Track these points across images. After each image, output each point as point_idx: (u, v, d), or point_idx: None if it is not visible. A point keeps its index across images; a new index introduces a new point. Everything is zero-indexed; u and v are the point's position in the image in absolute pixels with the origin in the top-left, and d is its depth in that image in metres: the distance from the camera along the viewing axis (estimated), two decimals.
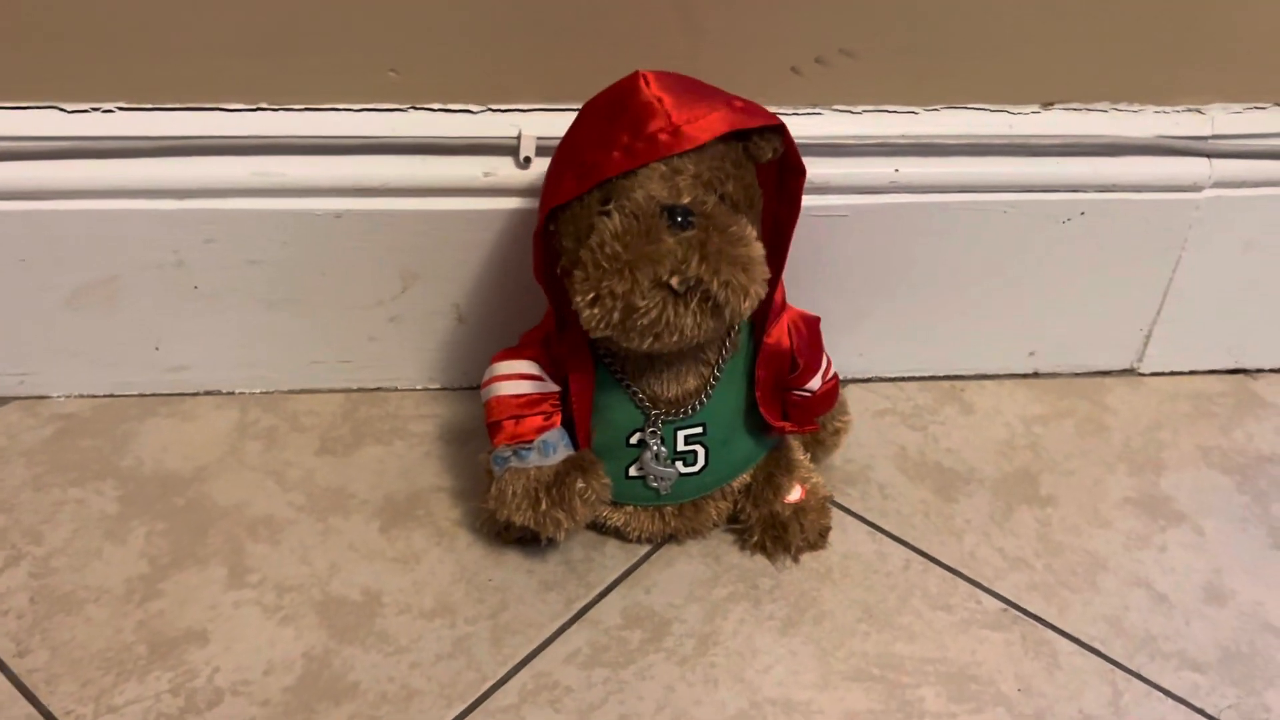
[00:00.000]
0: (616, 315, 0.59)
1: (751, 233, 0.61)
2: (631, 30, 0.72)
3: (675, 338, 0.60)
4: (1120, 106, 0.79)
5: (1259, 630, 0.70)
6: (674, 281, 0.58)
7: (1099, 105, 0.79)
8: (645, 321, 0.59)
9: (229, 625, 0.67)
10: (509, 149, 0.75)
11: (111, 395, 0.82)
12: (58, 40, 0.70)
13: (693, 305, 0.59)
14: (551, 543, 0.71)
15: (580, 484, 0.65)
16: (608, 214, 0.60)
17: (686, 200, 0.60)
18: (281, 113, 0.73)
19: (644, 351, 0.62)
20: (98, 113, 0.72)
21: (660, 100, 0.60)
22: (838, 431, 0.77)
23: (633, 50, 0.72)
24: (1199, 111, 0.80)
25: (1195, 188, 0.81)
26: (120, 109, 0.72)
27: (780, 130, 0.64)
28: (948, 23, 0.74)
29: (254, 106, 0.73)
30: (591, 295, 0.59)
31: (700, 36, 0.73)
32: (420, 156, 0.75)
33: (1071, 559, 0.74)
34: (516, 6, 0.71)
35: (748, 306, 0.61)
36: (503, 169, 0.75)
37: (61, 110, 0.72)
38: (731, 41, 0.73)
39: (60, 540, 0.71)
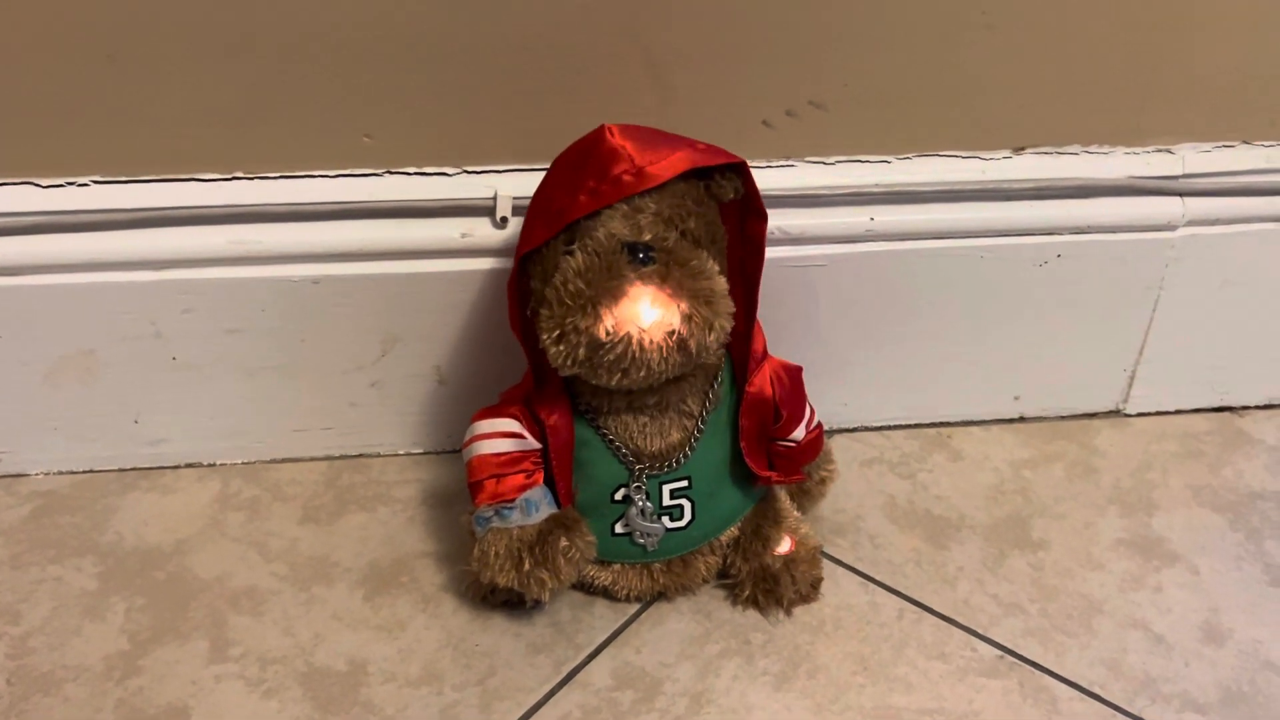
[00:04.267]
0: (582, 351, 0.60)
1: (713, 267, 0.62)
2: (603, 88, 0.73)
3: (643, 372, 0.61)
4: (1091, 149, 0.80)
5: (1259, 669, 0.69)
6: None
7: (1070, 148, 0.80)
8: (611, 357, 0.60)
9: (211, 700, 0.65)
10: (485, 209, 0.75)
11: (91, 470, 0.81)
12: (32, 116, 0.70)
13: (657, 339, 0.60)
14: (537, 604, 0.70)
15: (564, 542, 0.65)
16: (571, 253, 0.61)
17: (648, 237, 0.61)
18: (257, 181, 0.74)
19: (614, 388, 0.62)
20: (73, 187, 0.72)
21: (624, 146, 0.62)
22: (824, 480, 0.76)
23: (604, 108, 0.72)
24: (1169, 151, 0.81)
25: (1170, 227, 0.81)
26: (96, 182, 0.73)
27: (741, 169, 0.65)
28: (916, 72, 0.75)
29: (229, 176, 0.73)
30: (557, 332, 0.60)
31: (670, 93, 0.74)
32: (397, 220, 0.75)
33: (1066, 603, 0.73)
34: (487, 69, 0.72)
35: (713, 339, 0.61)
36: (480, 229, 0.75)
37: (37, 185, 0.72)
38: (701, 97, 0.74)
39: (39, 619, 0.70)
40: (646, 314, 0.60)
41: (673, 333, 0.60)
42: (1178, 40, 0.77)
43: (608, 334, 0.59)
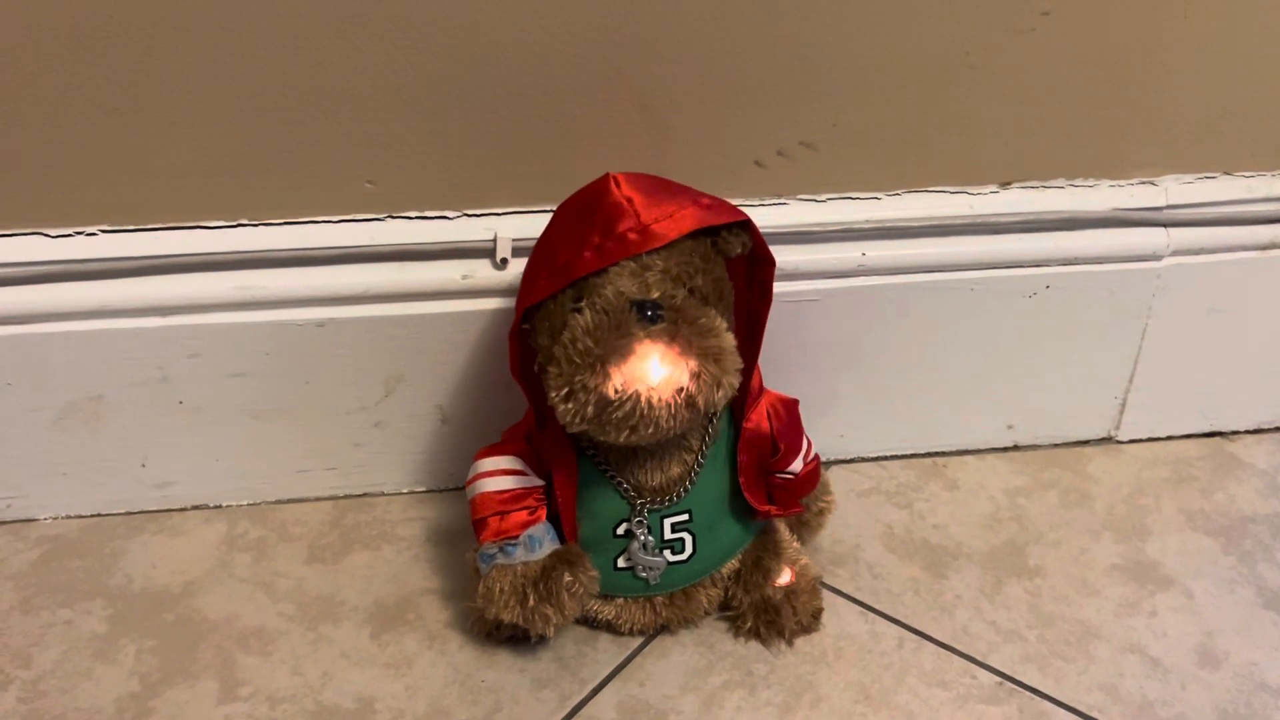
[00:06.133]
0: (590, 409, 0.60)
1: (721, 324, 0.63)
2: (598, 131, 0.74)
3: (651, 430, 0.61)
4: (1076, 182, 0.82)
5: (1255, 690, 0.70)
6: None
7: (1055, 182, 0.81)
8: (620, 414, 0.60)
9: None
10: (486, 251, 0.77)
11: (99, 514, 0.82)
12: (40, 167, 0.72)
13: (666, 397, 0.60)
14: (542, 639, 0.71)
15: (567, 577, 0.66)
16: (579, 310, 0.62)
17: (656, 295, 0.62)
18: (262, 227, 0.75)
19: (622, 444, 0.63)
20: (81, 236, 0.74)
21: (630, 200, 0.62)
22: (821, 512, 0.78)
23: (601, 151, 0.74)
24: (1152, 183, 0.82)
25: (1155, 257, 0.83)
26: (104, 231, 0.74)
27: (747, 225, 0.66)
28: (903, 111, 0.77)
29: (235, 223, 0.75)
30: (565, 390, 0.60)
31: (664, 135, 0.75)
32: (399, 263, 0.77)
33: (1064, 629, 0.74)
34: (485, 115, 0.73)
35: (721, 396, 0.62)
36: (480, 271, 0.77)
37: (46, 235, 0.74)
38: (695, 139, 0.76)
39: (49, 663, 0.71)
40: (655, 372, 0.60)
41: (681, 390, 0.60)
42: (1157, 75, 0.79)
43: (616, 392, 0.60)
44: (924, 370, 0.85)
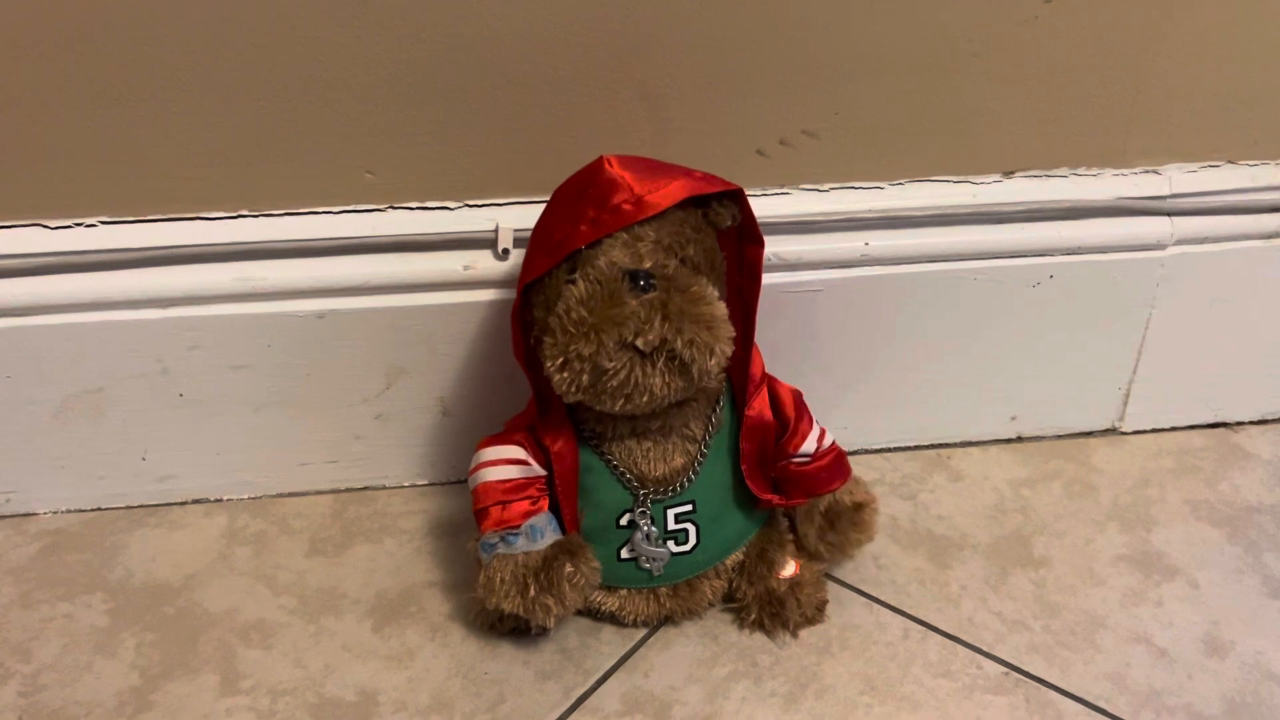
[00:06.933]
0: (585, 378, 0.61)
1: (713, 292, 0.63)
2: (600, 121, 0.74)
3: (645, 398, 0.62)
4: (1079, 171, 0.81)
5: (1262, 679, 0.70)
6: (639, 342, 0.60)
7: (1059, 171, 0.81)
8: (614, 383, 0.61)
9: None
10: (487, 242, 0.77)
11: (99, 508, 0.81)
12: (39, 158, 0.71)
13: (660, 364, 0.61)
14: (544, 631, 0.71)
15: (569, 568, 0.65)
16: (573, 281, 0.62)
17: (648, 264, 0.63)
18: (262, 218, 0.75)
19: (618, 414, 0.64)
20: (80, 228, 0.73)
21: (623, 176, 0.63)
22: (861, 506, 0.73)
23: (602, 141, 0.74)
24: (1156, 172, 0.82)
25: (1159, 246, 0.82)
26: (103, 223, 0.74)
27: (738, 196, 0.66)
28: (906, 100, 0.77)
29: (234, 214, 0.75)
30: (560, 360, 0.61)
31: (666, 125, 0.75)
32: (400, 254, 0.76)
33: (1069, 619, 0.74)
34: (486, 105, 0.73)
35: (714, 363, 0.62)
36: (482, 262, 0.77)
37: (45, 227, 0.73)
38: (696, 128, 0.75)
39: (49, 656, 0.70)
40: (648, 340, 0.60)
41: (675, 358, 0.61)
42: (1161, 63, 0.78)
43: (610, 360, 0.60)
44: (927, 361, 0.84)
